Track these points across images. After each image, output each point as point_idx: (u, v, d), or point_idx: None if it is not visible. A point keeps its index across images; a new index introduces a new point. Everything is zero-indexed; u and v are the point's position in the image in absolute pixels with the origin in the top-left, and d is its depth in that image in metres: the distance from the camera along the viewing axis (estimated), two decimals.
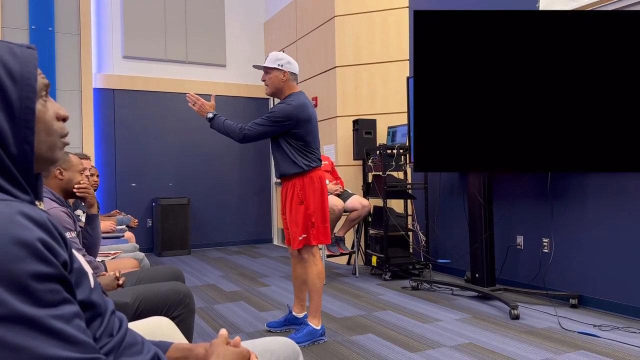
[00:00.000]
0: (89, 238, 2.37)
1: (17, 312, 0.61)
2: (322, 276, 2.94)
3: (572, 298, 3.57)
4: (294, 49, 6.74)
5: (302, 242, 2.89)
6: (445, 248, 4.95)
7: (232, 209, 7.31)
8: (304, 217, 2.88)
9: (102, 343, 0.83)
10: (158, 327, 1.38)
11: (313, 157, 2.90)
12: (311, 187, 2.88)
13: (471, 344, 2.81)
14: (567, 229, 3.70)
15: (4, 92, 0.74)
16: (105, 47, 6.61)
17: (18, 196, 0.75)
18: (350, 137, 5.58)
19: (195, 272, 5.29)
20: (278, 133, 2.85)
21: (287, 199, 2.96)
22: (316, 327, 2.89)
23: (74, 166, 2.23)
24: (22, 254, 0.63)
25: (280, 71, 2.87)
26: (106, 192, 6.54)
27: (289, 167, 2.88)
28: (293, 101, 2.83)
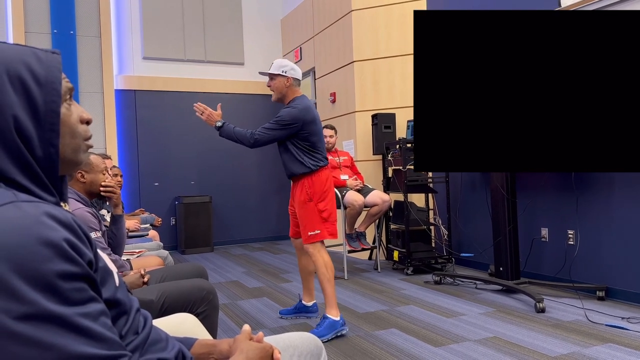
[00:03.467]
0: (114, 238, 2.41)
1: (46, 310, 0.63)
2: (329, 266, 3.01)
3: (599, 290, 3.50)
4: (311, 45, 6.74)
5: (314, 237, 2.99)
6: (468, 242, 4.91)
7: (253, 206, 7.36)
8: (315, 213, 2.98)
9: (127, 340, 0.84)
10: (182, 323, 1.40)
11: (319, 157, 3.02)
12: (319, 186, 3.00)
13: (496, 338, 2.79)
14: (593, 220, 3.63)
15: (30, 96, 0.76)
16: (126, 49, 6.70)
17: (44, 198, 0.77)
18: (369, 132, 5.56)
19: (218, 269, 5.35)
20: (287, 136, 2.97)
21: (296, 197, 3.07)
22: (335, 318, 2.94)
23: (96, 167, 2.26)
24: (49, 254, 0.65)
25: (284, 77, 3.00)
26: (130, 192, 6.65)
27: (297, 168, 3.00)
28: (298, 105, 2.96)
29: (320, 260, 3.00)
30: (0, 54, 0.76)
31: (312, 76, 6.88)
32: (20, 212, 0.67)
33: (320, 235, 2.99)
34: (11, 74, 0.75)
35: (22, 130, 0.75)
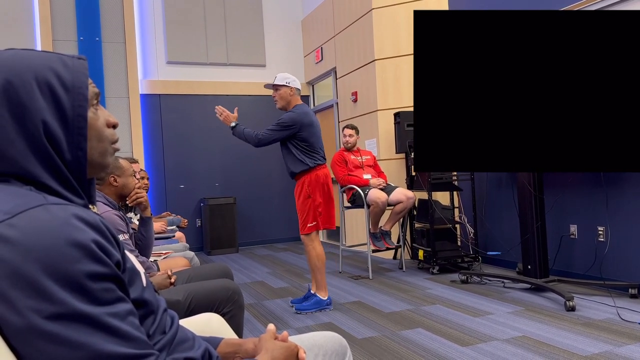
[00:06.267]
0: (143, 239, 2.46)
1: (75, 310, 0.65)
2: (321, 258, 3.49)
3: (631, 288, 3.41)
4: (332, 45, 6.74)
5: (311, 228, 3.47)
6: (494, 240, 4.83)
7: (277, 207, 7.40)
8: (312, 207, 3.46)
9: (155, 340, 0.86)
10: (209, 323, 1.41)
11: (317, 156, 3.47)
12: (317, 184, 3.45)
13: (525, 337, 2.74)
14: (624, 216, 3.54)
15: (58, 101, 0.78)
16: (150, 54, 6.81)
17: (72, 200, 0.79)
18: (391, 131, 5.52)
19: (243, 270, 5.40)
20: (286, 137, 3.40)
21: (297, 194, 3.53)
22: (323, 297, 3.49)
23: (126, 171, 2.32)
24: (77, 255, 0.66)
25: (288, 87, 3.47)
26: (156, 194, 6.76)
27: (297, 166, 3.44)
28: (297, 110, 3.42)
29: (313, 251, 3.48)
30: (29, 61, 0.78)
31: (334, 76, 6.88)
32: (49, 215, 0.68)
33: (315, 226, 3.47)
34: (39, 80, 0.77)
35: (51, 134, 0.77)
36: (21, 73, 0.76)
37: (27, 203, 0.70)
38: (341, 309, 3.55)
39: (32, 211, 0.68)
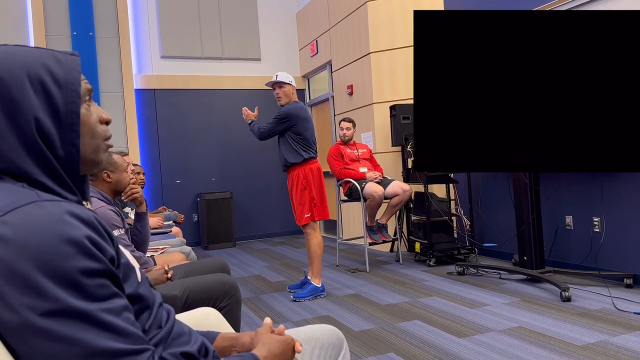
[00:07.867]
0: (138, 235, 2.45)
1: (70, 306, 0.65)
2: (321, 245, 3.73)
3: (626, 278, 3.43)
4: (327, 38, 6.71)
5: (307, 219, 3.68)
6: (490, 231, 4.85)
7: (273, 201, 7.40)
8: (308, 199, 3.67)
9: (151, 334, 0.86)
10: (206, 317, 1.42)
11: (311, 150, 3.73)
12: (312, 176, 3.69)
13: (521, 328, 2.76)
14: (619, 207, 3.55)
15: (50, 97, 0.78)
16: (144, 48, 6.78)
17: (66, 197, 0.79)
18: (387, 124, 5.52)
19: (240, 264, 5.41)
20: (283, 129, 3.68)
21: (292, 186, 3.75)
22: (317, 285, 3.71)
23: (120, 167, 2.31)
24: (71, 252, 0.66)
25: (291, 85, 3.78)
26: (152, 189, 6.75)
27: (292, 157, 3.69)
28: (294, 105, 3.72)
29: (315, 239, 3.71)
30: (21, 58, 0.78)
31: (329, 69, 6.86)
32: (42, 212, 0.68)
33: (311, 217, 3.68)
34: (32, 77, 0.77)
35: (43, 131, 0.76)
36: (13, 69, 0.76)
37: (20, 200, 0.70)
38: (338, 302, 3.56)
39: (25, 208, 0.68)
